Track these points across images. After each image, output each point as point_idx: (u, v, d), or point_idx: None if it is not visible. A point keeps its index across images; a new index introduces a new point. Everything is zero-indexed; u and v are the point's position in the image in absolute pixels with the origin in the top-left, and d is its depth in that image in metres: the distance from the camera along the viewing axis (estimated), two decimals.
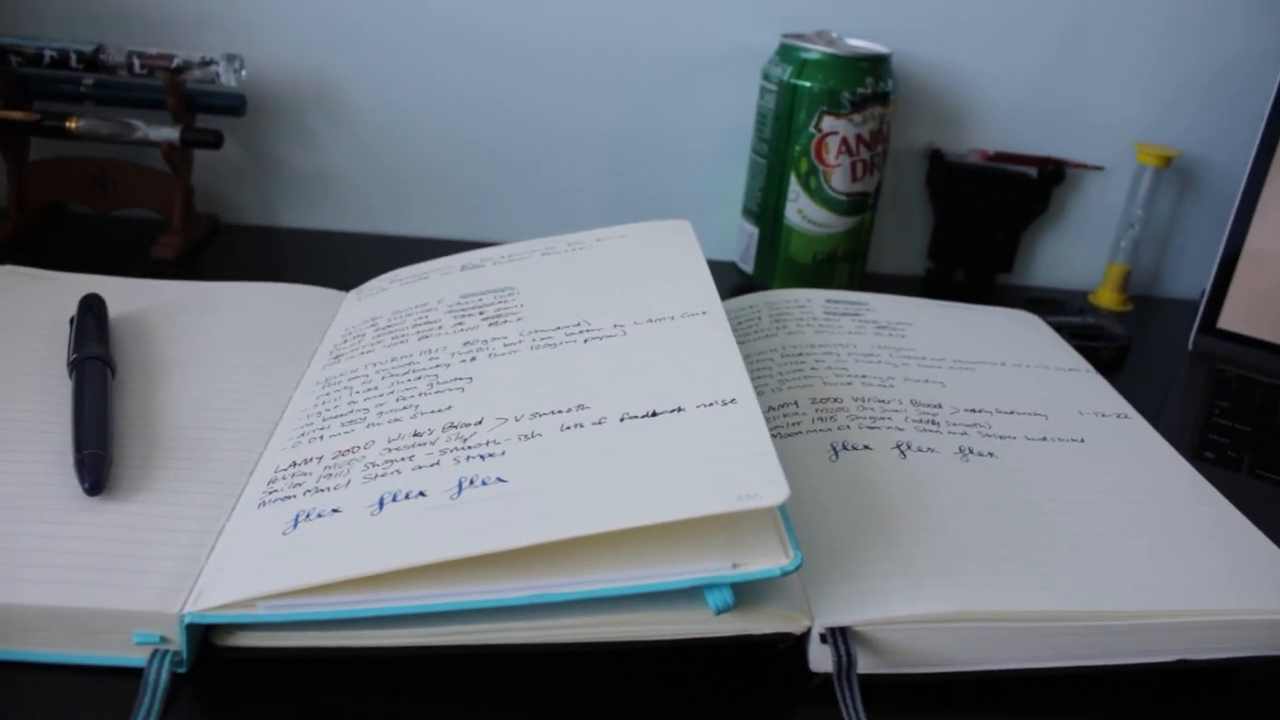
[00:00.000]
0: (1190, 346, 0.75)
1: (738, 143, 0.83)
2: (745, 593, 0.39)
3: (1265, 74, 0.70)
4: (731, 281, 0.81)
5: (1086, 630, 0.42)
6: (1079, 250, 0.89)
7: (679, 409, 0.43)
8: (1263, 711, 0.43)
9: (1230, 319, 0.74)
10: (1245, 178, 0.72)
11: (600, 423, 0.43)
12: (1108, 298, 0.86)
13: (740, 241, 0.82)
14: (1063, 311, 0.78)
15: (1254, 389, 0.69)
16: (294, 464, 0.45)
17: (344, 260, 0.80)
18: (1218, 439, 0.63)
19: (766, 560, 0.38)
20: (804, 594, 0.41)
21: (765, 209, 0.78)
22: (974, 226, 0.86)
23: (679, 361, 0.47)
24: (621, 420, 0.43)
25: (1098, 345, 0.73)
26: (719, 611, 0.38)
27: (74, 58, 0.74)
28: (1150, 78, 0.84)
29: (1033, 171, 0.84)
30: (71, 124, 0.74)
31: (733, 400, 0.43)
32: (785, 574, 0.38)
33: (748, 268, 0.81)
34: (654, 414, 0.43)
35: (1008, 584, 0.42)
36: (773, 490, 0.37)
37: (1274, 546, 0.47)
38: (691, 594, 0.39)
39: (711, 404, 0.43)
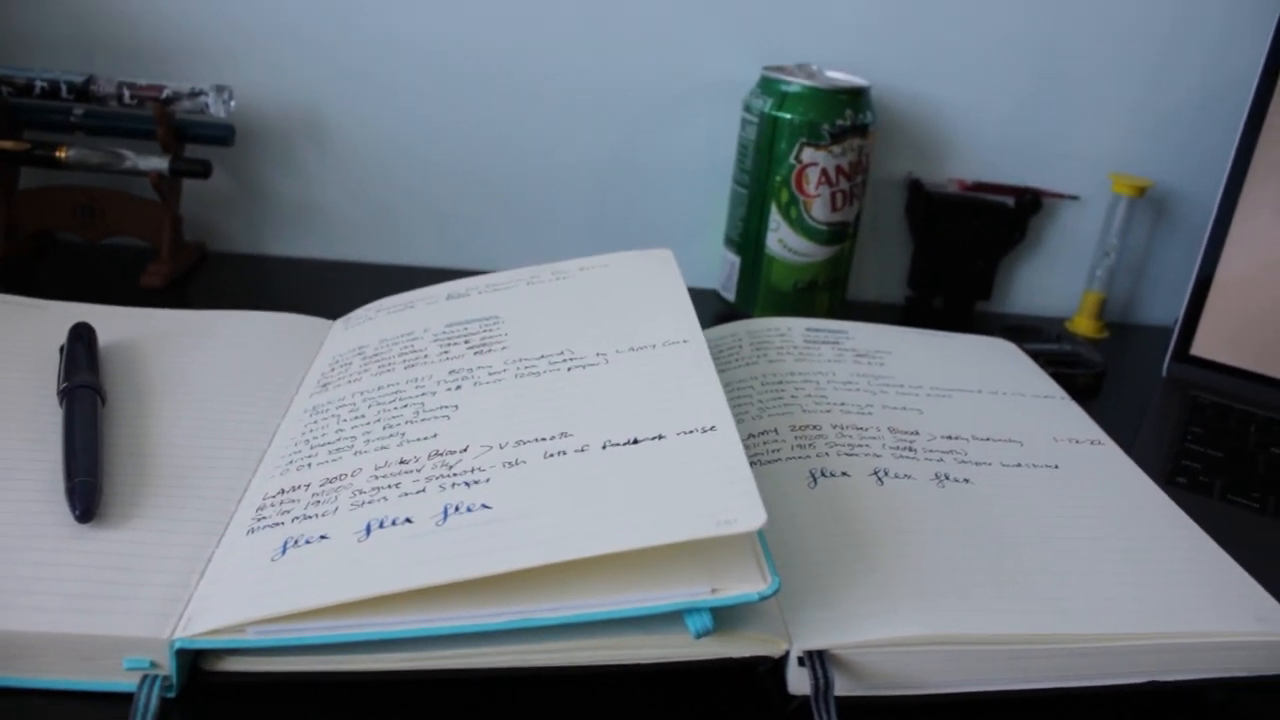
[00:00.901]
0: (1164, 373, 0.77)
1: (720, 173, 0.84)
2: (725, 617, 0.40)
3: (1233, 106, 0.72)
4: (714, 309, 0.83)
5: (1058, 653, 0.43)
6: (1056, 278, 0.91)
7: (660, 436, 0.44)
8: None
9: (1203, 346, 0.76)
10: (1216, 207, 0.74)
11: (583, 450, 0.44)
12: (1084, 325, 0.88)
13: (722, 270, 0.83)
14: (1040, 339, 0.79)
15: (1226, 415, 0.70)
16: (282, 491, 0.46)
17: (332, 289, 0.81)
18: (1190, 464, 0.64)
19: (745, 585, 0.39)
20: (782, 618, 0.42)
21: (747, 238, 0.80)
22: (953, 255, 0.87)
23: (660, 389, 0.48)
24: (604, 447, 0.44)
25: (1074, 372, 0.75)
26: (699, 635, 0.39)
27: (64, 88, 0.75)
28: (1124, 110, 0.86)
29: (1010, 201, 0.86)
30: (61, 153, 0.75)
31: (712, 428, 0.44)
32: (763, 598, 0.39)
33: (730, 296, 0.82)
34: (635, 441, 0.44)
35: (981, 607, 0.43)
36: (750, 516, 0.38)
37: (1242, 570, 0.48)
38: (672, 618, 0.40)
39: (692, 431, 0.44)
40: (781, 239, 0.78)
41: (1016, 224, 0.87)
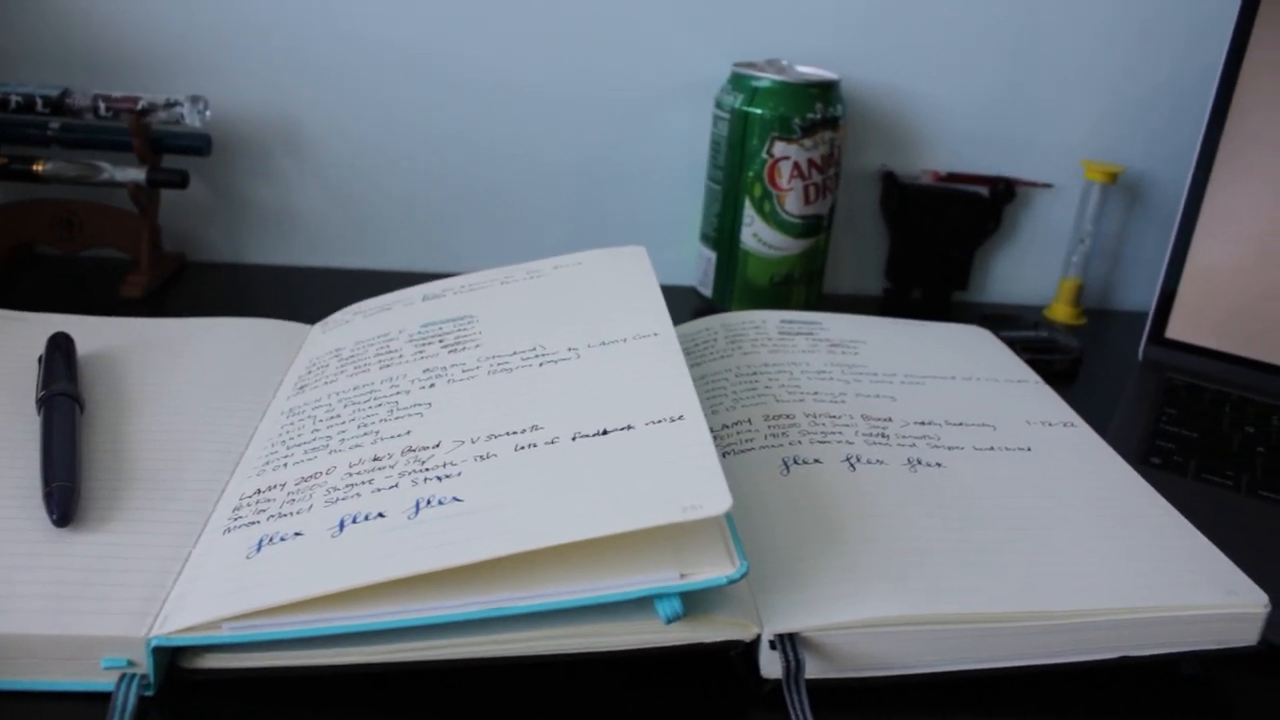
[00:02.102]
0: (1140, 357, 0.77)
1: (695, 170, 0.85)
2: (696, 602, 0.41)
3: (1202, 91, 0.73)
4: (691, 305, 0.83)
5: (1029, 630, 0.43)
6: (1032, 266, 0.91)
7: (629, 426, 0.45)
8: (1201, 704, 0.45)
9: (1178, 329, 0.76)
10: (1186, 191, 0.74)
11: (553, 442, 0.45)
12: (1062, 311, 0.88)
13: (699, 266, 0.83)
14: (1017, 326, 0.79)
15: (1201, 396, 0.71)
16: (258, 491, 0.47)
17: (311, 295, 0.81)
18: (1165, 445, 0.64)
19: (713, 569, 0.39)
20: (753, 602, 0.43)
21: (722, 234, 0.80)
22: (929, 246, 0.88)
23: (630, 381, 0.49)
24: (574, 439, 0.45)
25: (1051, 358, 0.75)
26: (669, 620, 0.39)
27: (40, 102, 0.76)
28: (1095, 97, 0.87)
29: (984, 191, 0.87)
30: (38, 167, 0.76)
31: (680, 417, 0.45)
32: (732, 582, 0.39)
33: (707, 291, 0.83)
34: (605, 432, 0.45)
35: (951, 587, 0.44)
36: (716, 501, 0.39)
37: (1211, 545, 0.49)
38: (643, 605, 0.40)
39: (660, 421, 0.45)
40: (756, 233, 0.78)
41: (991, 213, 0.87)
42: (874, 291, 0.92)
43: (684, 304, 0.83)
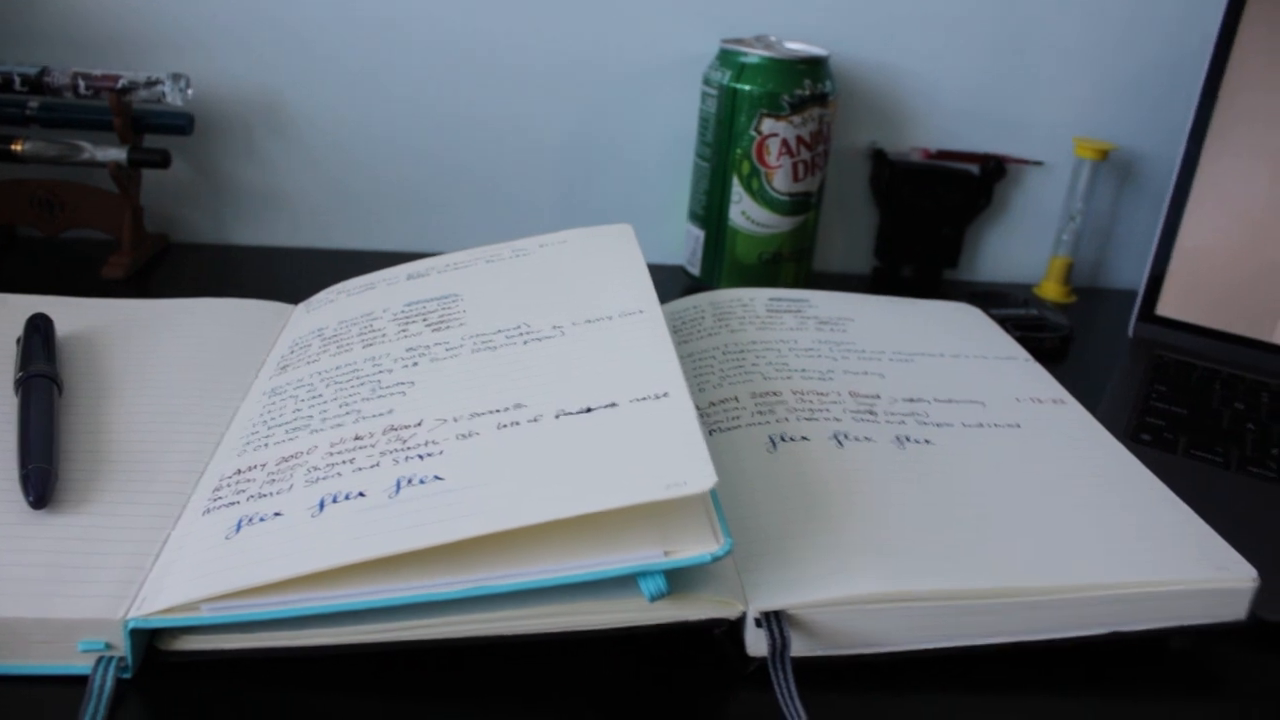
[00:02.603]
0: (1130, 334, 0.77)
1: (684, 148, 0.84)
2: (681, 580, 0.40)
3: (1193, 69, 0.72)
4: (680, 284, 0.83)
5: (1017, 606, 0.43)
6: (1023, 244, 0.91)
7: (613, 404, 0.44)
8: (1190, 679, 0.45)
9: (1168, 306, 0.76)
10: (1177, 169, 0.74)
11: (536, 420, 0.44)
12: (1052, 290, 0.88)
13: (687, 244, 0.83)
14: (1007, 304, 0.79)
15: (1190, 373, 0.71)
16: (238, 471, 0.46)
17: (297, 275, 0.80)
18: (1154, 421, 0.64)
19: (698, 547, 0.39)
20: (739, 580, 0.42)
21: (710, 212, 0.79)
22: (919, 223, 0.87)
23: (615, 359, 0.48)
24: (557, 417, 0.44)
25: (1040, 336, 0.75)
26: (654, 598, 0.39)
27: (18, 80, 0.75)
28: (1086, 74, 0.86)
29: (974, 168, 0.86)
30: (17, 147, 0.75)
31: (665, 394, 0.44)
32: (716, 559, 0.39)
33: (695, 270, 0.82)
34: (589, 410, 0.44)
35: (937, 564, 0.43)
36: (700, 478, 0.38)
37: (1201, 520, 0.49)
38: (627, 583, 0.40)
39: (644, 398, 0.44)
40: (744, 211, 0.78)
41: (982, 191, 0.87)
42: (864, 270, 0.91)
43: (673, 282, 0.82)
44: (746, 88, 0.74)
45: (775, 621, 0.41)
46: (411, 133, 0.84)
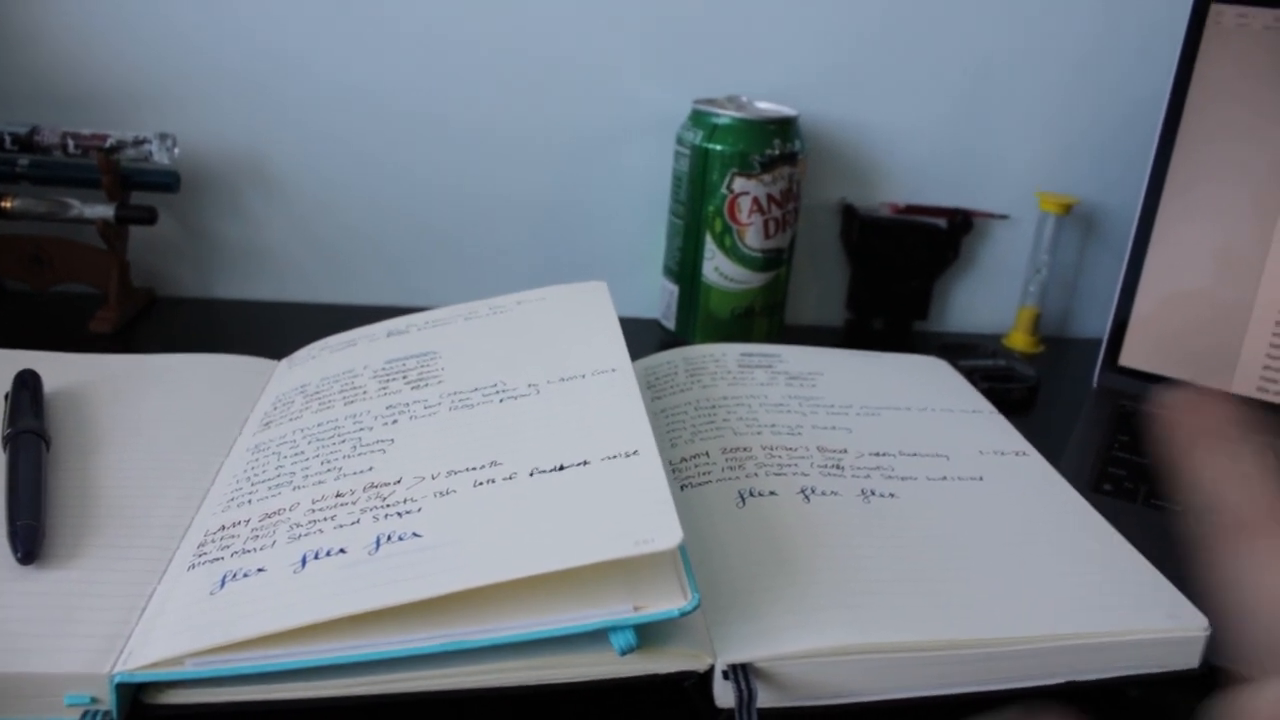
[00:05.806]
0: (1094, 384, 0.79)
1: (658, 205, 0.86)
2: (650, 634, 0.42)
3: (1152, 121, 0.75)
4: (655, 338, 0.84)
5: (977, 657, 0.44)
6: (991, 295, 0.93)
7: (585, 462, 0.46)
8: None
9: (1131, 356, 0.78)
10: (1136, 221, 0.76)
11: (511, 478, 0.46)
12: (1020, 340, 0.90)
13: (662, 300, 0.85)
14: (976, 355, 0.81)
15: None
16: (223, 527, 0.47)
17: (280, 330, 0.82)
18: (1116, 471, 0.66)
19: (666, 602, 0.40)
20: (707, 633, 0.44)
21: (684, 268, 0.81)
22: (889, 277, 0.89)
23: (587, 417, 0.50)
24: (531, 475, 0.46)
25: (1008, 386, 0.77)
26: (624, 652, 0.40)
27: (8, 139, 0.77)
28: (1049, 130, 0.89)
29: (942, 222, 0.88)
30: (7, 203, 0.76)
31: (635, 452, 0.46)
32: (684, 614, 0.40)
33: (670, 325, 0.84)
34: (561, 468, 0.46)
35: (900, 616, 0.45)
36: (667, 535, 0.40)
37: (1154, 570, 0.50)
38: (598, 637, 0.41)
39: (615, 456, 0.46)
40: (717, 267, 0.80)
41: (950, 244, 0.89)
42: (836, 322, 0.93)
43: (648, 337, 0.84)
44: (718, 148, 0.77)
45: (742, 673, 0.42)
46: (392, 192, 0.86)
